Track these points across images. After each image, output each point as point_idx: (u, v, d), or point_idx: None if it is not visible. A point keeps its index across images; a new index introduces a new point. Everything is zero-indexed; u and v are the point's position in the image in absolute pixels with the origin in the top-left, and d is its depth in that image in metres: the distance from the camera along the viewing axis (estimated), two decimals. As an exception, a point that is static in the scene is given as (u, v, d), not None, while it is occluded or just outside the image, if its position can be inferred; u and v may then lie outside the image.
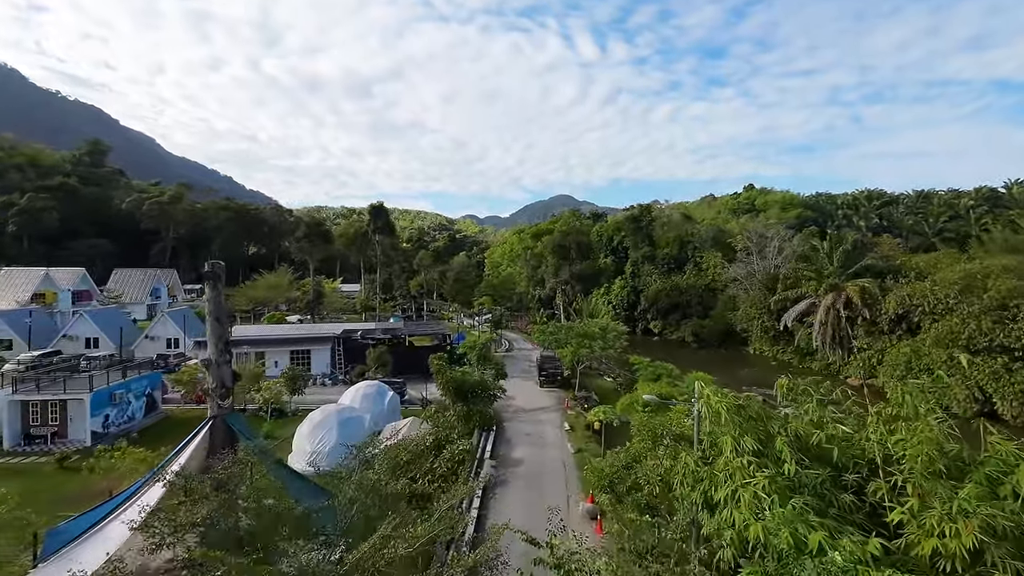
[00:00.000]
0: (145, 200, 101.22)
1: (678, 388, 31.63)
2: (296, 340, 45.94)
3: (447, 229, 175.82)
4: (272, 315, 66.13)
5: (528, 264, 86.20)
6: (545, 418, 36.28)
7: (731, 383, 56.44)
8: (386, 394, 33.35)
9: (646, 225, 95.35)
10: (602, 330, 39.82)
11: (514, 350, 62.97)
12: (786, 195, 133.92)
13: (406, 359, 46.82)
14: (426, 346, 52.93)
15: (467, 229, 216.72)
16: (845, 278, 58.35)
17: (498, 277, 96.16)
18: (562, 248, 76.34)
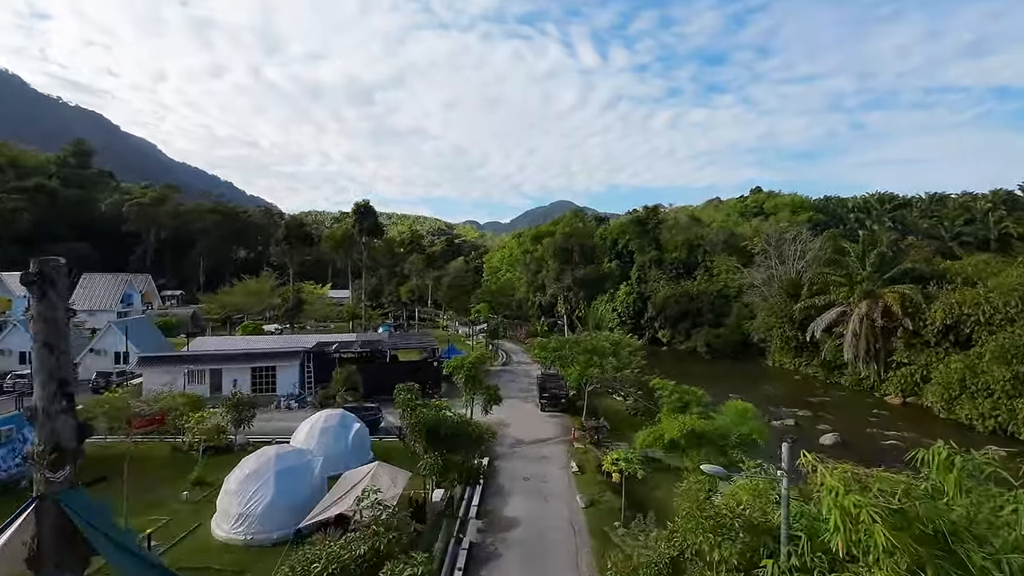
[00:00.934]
0: (126, 202, 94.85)
1: (712, 421, 24.96)
2: (259, 355, 39.34)
3: (445, 234, 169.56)
4: (247, 324, 59.58)
5: (528, 269, 79.67)
6: (548, 453, 29.55)
7: (754, 400, 49.62)
8: (351, 426, 26.69)
9: (653, 228, 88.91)
10: (614, 345, 33.26)
11: (512, 364, 56.28)
12: (795, 198, 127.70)
13: (388, 377, 40.13)
14: (413, 361, 46.32)
15: (467, 234, 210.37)
16: (881, 284, 51.74)
17: (496, 283, 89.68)
18: (564, 251, 69.89)
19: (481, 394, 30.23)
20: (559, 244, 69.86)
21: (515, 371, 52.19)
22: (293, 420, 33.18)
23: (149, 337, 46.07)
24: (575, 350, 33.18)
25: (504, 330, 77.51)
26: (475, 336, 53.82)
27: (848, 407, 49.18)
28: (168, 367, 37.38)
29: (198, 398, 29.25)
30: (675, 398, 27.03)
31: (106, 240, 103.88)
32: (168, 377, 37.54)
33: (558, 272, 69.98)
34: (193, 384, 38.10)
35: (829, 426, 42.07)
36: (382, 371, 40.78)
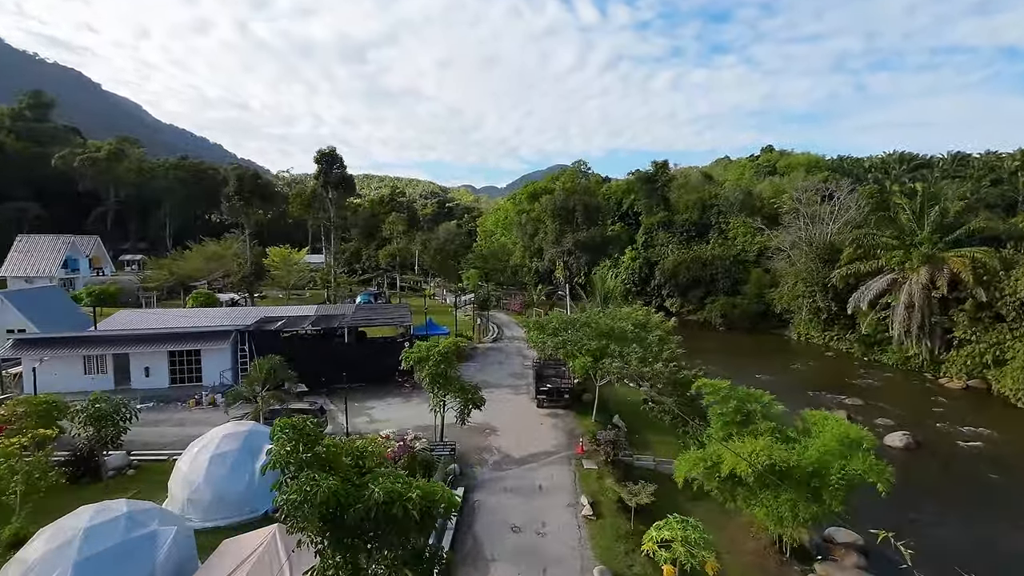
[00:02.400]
0: (77, 156, 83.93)
1: (797, 449, 16.35)
2: (178, 336, 30.34)
3: (438, 196, 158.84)
4: (198, 294, 50.43)
5: (523, 231, 70.08)
6: (545, 477, 21.03)
7: (785, 381, 40.80)
8: (260, 449, 17.88)
9: (661, 186, 79.09)
10: (639, 327, 24.26)
11: (503, 340, 47.58)
12: (810, 157, 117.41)
13: (346, 361, 31.54)
14: (383, 340, 37.55)
15: (461, 198, 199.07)
16: (943, 246, 42.77)
17: (489, 247, 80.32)
18: (564, 211, 60.28)
19: (456, 398, 21.48)
20: (559, 202, 60.23)
21: (507, 349, 43.53)
22: (216, 422, 24.56)
23: (58, 312, 37.00)
24: (584, 334, 24.19)
25: (497, 300, 68.61)
26: (462, 307, 45.10)
27: (901, 392, 40.94)
28: (60, 352, 28.41)
29: (54, 402, 20.22)
30: (732, 407, 18.29)
31: (61, 200, 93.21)
32: (61, 365, 28.67)
33: (557, 234, 60.62)
34: (93, 374, 29.25)
35: (890, 420, 33.81)
36: (338, 354, 31.95)
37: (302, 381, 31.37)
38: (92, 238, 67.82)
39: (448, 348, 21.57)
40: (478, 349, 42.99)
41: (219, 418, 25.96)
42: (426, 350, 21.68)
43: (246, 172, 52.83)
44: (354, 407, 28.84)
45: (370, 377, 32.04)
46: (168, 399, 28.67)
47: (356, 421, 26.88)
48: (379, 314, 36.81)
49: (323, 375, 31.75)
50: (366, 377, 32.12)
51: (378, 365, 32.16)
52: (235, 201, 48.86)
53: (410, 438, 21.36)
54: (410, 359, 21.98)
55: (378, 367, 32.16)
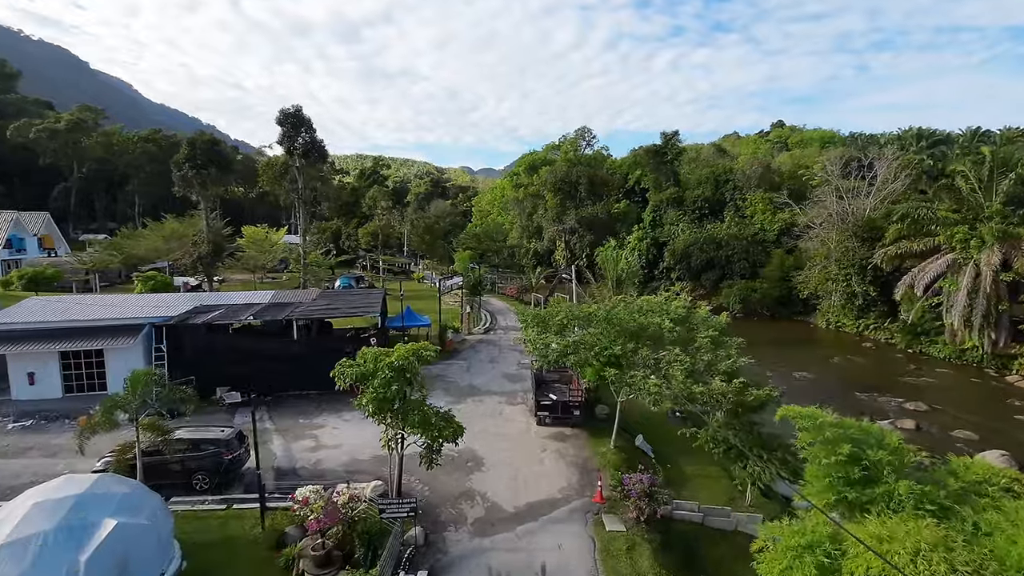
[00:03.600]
0: (34, 127, 75.63)
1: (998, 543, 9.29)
2: (74, 333, 23.14)
3: (432, 176, 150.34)
4: (147, 275, 43.06)
5: (521, 209, 62.54)
6: (551, 547, 14.17)
7: (828, 380, 34.22)
8: (94, 529, 10.88)
9: (671, 160, 71.43)
10: (679, 323, 16.92)
11: (497, 330, 40.51)
12: (824, 132, 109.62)
13: (305, 360, 24.66)
14: (353, 332, 30.50)
15: (457, 178, 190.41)
16: (1019, 221, 35.68)
17: (484, 227, 72.92)
18: (566, 184, 52.96)
19: (418, 435, 14.46)
20: (560, 175, 52.88)
21: (500, 342, 36.50)
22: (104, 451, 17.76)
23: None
24: (603, 333, 16.82)
25: (491, 284, 61.47)
26: (447, 292, 37.96)
27: (966, 393, 34.14)
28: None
29: None
30: (845, 453, 11.28)
31: (21, 176, 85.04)
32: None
33: (558, 210, 53.39)
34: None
35: (970, 431, 27.09)
36: (288, 353, 24.84)
37: (239, 388, 24.39)
38: (42, 215, 60.14)
39: (405, 358, 14.36)
40: (467, 341, 35.96)
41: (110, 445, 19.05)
42: (372, 361, 14.49)
43: (200, 136, 45.08)
44: (299, 425, 21.87)
45: (327, 383, 25.02)
46: (55, 415, 21.60)
47: (296, 448, 19.88)
48: (344, 302, 29.63)
49: (268, 380, 24.75)
50: (322, 383, 25.08)
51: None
52: (186, 170, 41.33)
53: (353, 491, 14.29)
54: (345, 375, 14.78)
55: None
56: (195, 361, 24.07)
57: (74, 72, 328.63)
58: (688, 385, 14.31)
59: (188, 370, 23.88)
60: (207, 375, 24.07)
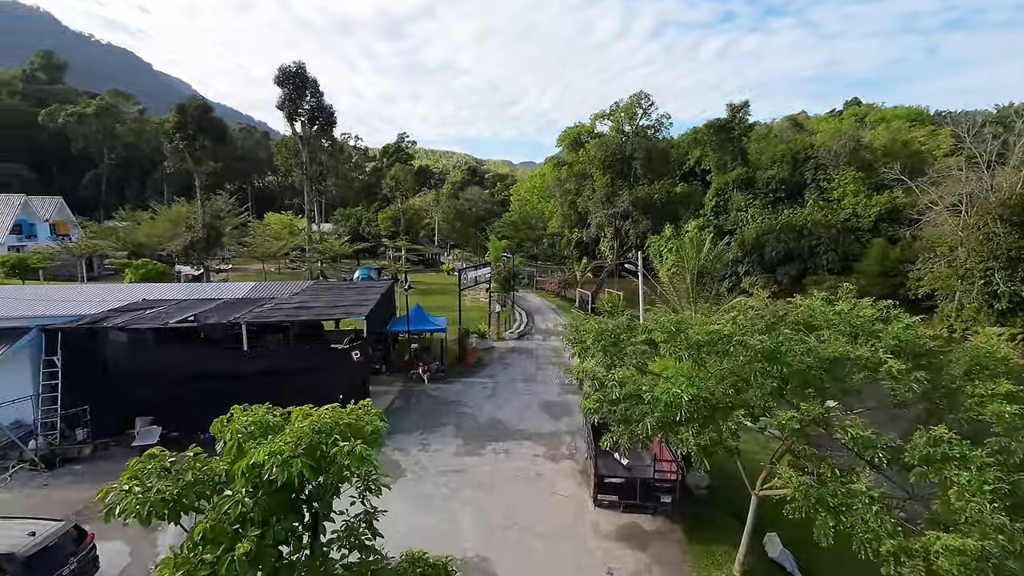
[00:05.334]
0: (63, 113, 72.21)
1: None
2: None
3: (471, 166, 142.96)
4: (142, 264, 36.90)
5: (564, 192, 53.46)
6: None
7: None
8: None
9: (739, 136, 60.66)
10: (912, 356, 8.57)
11: (534, 334, 31.98)
12: (909, 110, 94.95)
13: (268, 379, 16.89)
14: (358, 336, 22.63)
15: (496, 169, 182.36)
16: None
17: (522, 215, 64.35)
18: (619, 160, 43.80)
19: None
20: (611, 148, 43.75)
21: (538, 352, 27.93)
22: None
23: None
24: (759, 385, 8.09)
25: (528, 277, 52.96)
26: (472, 285, 29.67)
27: None
28: None
29: None
30: None
31: (57, 163, 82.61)
32: None
33: (608, 191, 44.28)
34: None
35: None
36: (230, 372, 17.09)
37: (166, 421, 16.85)
38: (55, 200, 55.72)
39: (315, 444, 5.87)
40: (495, 350, 27.60)
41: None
42: (229, 453, 6.02)
43: (191, 103, 38.48)
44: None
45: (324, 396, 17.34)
46: None
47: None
48: (329, 298, 21.77)
49: (210, 409, 17.11)
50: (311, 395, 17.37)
51: (309, 391, 17.30)
52: (177, 140, 34.81)
53: None
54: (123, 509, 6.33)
55: (311, 396, 17.31)
56: (107, 381, 16.69)
57: (137, 73, 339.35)
58: (987, 511, 5.42)
59: (96, 394, 16.54)
60: (124, 401, 16.67)
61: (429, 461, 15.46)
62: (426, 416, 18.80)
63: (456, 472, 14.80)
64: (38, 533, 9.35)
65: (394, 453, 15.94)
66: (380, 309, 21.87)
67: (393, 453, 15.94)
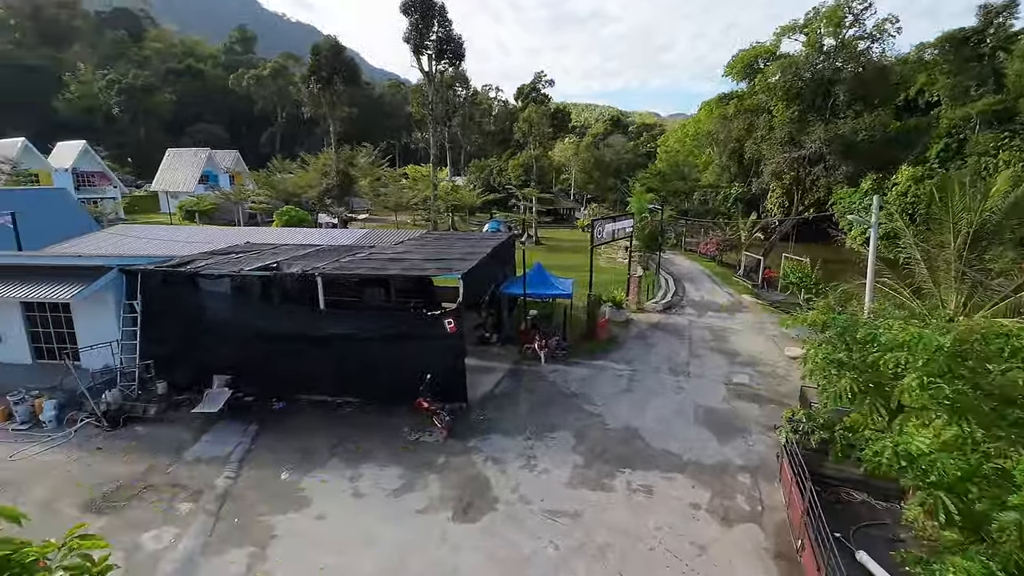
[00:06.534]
0: (245, 76, 79.41)
1: None
2: (24, 273, 15.35)
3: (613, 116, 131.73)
4: (286, 211, 37.57)
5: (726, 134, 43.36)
6: None
7: None
8: None
9: (992, 52, 43.70)
10: None
11: (685, 307, 25.03)
12: None
13: (350, 344, 13.54)
14: (427, 304, 18.72)
15: (642, 120, 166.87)
16: None
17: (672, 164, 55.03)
18: (813, 85, 33.06)
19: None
20: (803, 70, 33.11)
21: (690, 331, 21.27)
22: None
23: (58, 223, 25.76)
24: None
25: (676, 236, 44.94)
26: (607, 242, 23.68)
27: None
28: None
29: None
30: None
31: (240, 122, 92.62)
32: None
33: (792, 129, 34.08)
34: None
35: None
36: (307, 334, 13.84)
37: (240, 382, 14.32)
38: (231, 152, 61.24)
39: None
40: (633, 324, 21.62)
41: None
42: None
43: (325, 44, 36.88)
44: (271, 489, 10.71)
45: (383, 390, 13.73)
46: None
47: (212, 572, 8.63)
48: (429, 251, 17.71)
49: (287, 374, 14.20)
50: (372, 388, 13.90)
51: (391, 364, 13.52)
52: (312, 84, 33.63)
53: None
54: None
55: (392, 369, 13.56)
56: (184, 331, 14.58)
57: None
58: None
59: (174, 345, 14.57)
60: (201, 356, 14.47)
61: (533, 488, 10.61)
62: (537, 411, 13.96)
63: (571, 517, 9.73)
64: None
65: (486, 465, 11.39)
66: (489, 267, 17.22)
67: (485, 465, 11.40)
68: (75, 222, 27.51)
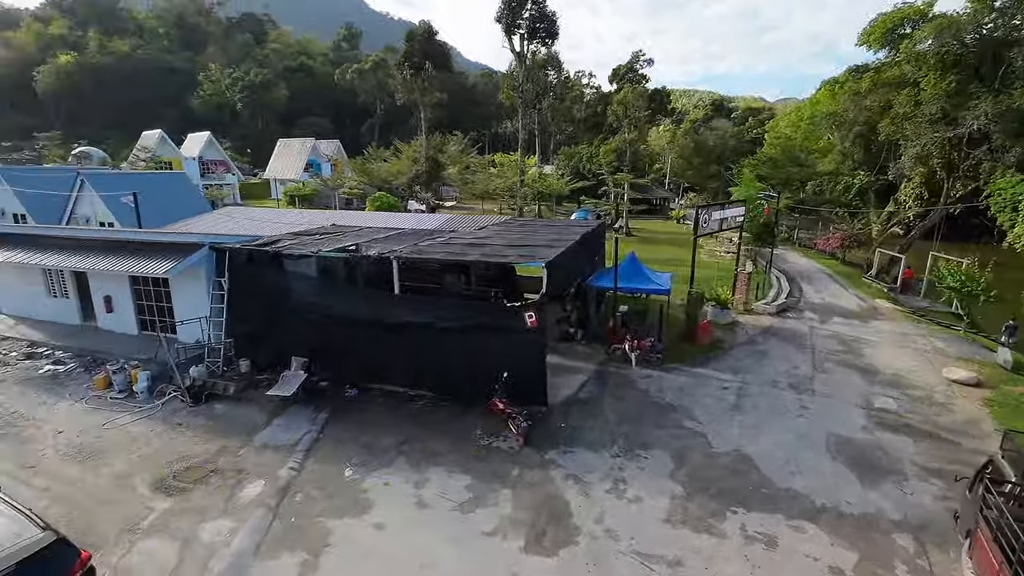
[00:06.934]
0: (349, 71, 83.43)
1: None
2: (121, 247, 15.97)
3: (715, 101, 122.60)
4: (377, 197, 38.35)
5: (853, 117, 37.49)
6: None
7: None
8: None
9: None
10: None
11: (802, 311, 21.48)
12: None
13: (427, 332, 12.56)
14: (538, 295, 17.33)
15: (747, 105, 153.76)
16: None
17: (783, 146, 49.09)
18: (979, 50, 27.18)
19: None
20: (965, 32, 27.26)
21: (810, 339, 18.01)
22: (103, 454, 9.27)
23: (177, 204, 27.83)
24: None
25: (789, 231, 40.08)
26: (709, 233, 20.81)
27: None
28: (14, 253, 16.68)
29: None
30: None
31: (344, 114, 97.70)
32: (18, 279, 17.70)
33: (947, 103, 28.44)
34: (58, 297, 17.44)
35: None
36: (382, 320, 13.00)
37: (315, 366, 13.94)
38: (333, 142, 64.44)
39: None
40: (740, 328, 18.77)
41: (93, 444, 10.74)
42: None
43: (418, 29, 36.66)
44: (333, 486, 9.89)
45: (457, 384, 12.63)
46: (103, 359, 14.77)
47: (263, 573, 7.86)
48: (513, 236, 16.28)
49: (361, 360, 13.55)
50: (448, 382, 12.83)
51: (467, 357, 12.33)
52: (405, 71, 33.59)
53: None
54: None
55: (467, 363, 12.37)
56: (266, 311, 14.43)
57: None
58: None
59: (255, 323, 14.51)
60: (281, 336, 14.27)
61: (622, 520, 8.83)
62: (627, 423, 12.08)
63: (669, 566, 7.86)
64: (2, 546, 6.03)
65: (566, 484, 9.78)
66: (576, 257, 15.47)
67: (565, 484, 9.80)
68: (192, 204, 29.63)
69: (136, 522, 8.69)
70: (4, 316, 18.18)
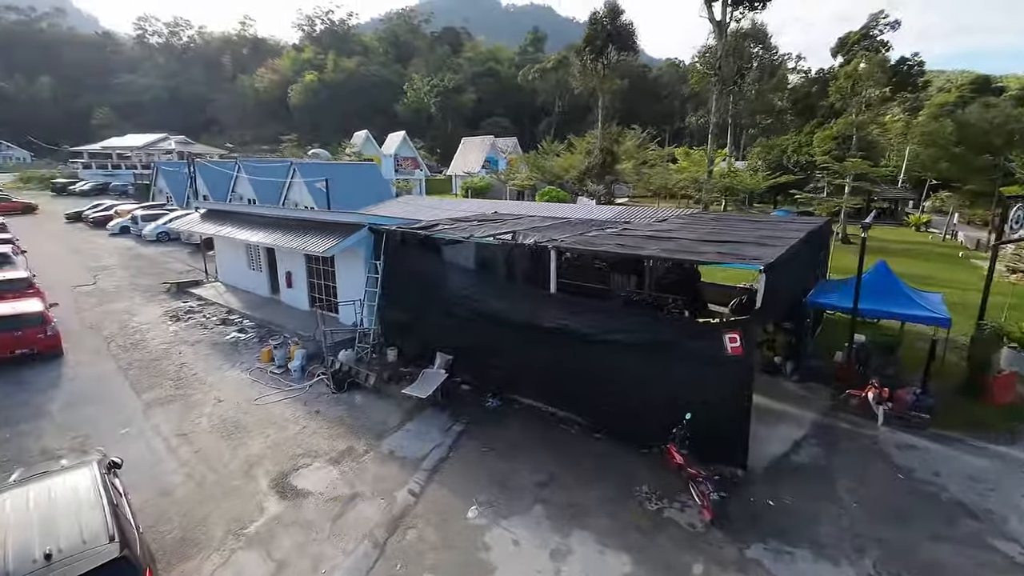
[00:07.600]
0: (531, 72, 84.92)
1: None
2: (283, 225, 16.08)
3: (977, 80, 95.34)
4: (547, 191, 37.02)
5: None
6: None
7: None
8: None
9: None
10: None
11: None
12: None
13: (589, 343, 10.10)
14: (741, 305, 13.57)
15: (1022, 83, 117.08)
16: None
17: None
18: None
19: None
20: None
21: None
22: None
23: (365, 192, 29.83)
24: None
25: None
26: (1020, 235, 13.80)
27: None
28: (225, 228, 18.59)
29: None
30: None
31: (524, 114, 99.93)
32: (229, 252, 20.01)
33: None
34: (256, 270, 19.16)
35: None
36: (533, 322, 10.67)
37: (458, 367, 12.37)
38: (511, 139, 65.66)
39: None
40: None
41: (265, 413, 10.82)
42: None
43: (604, 9, 33.63)
44: (460, 528, 7.77)
45: (615, 411, 9.77)
46: (281, 332, 15.36)
47: None
48: (706, 231, 12.53)
49: (513, 367, 11.45)
50: (603, 408, 10.02)
51: (634, 381, 9.33)
52: (585, 56, 31.20)
53: None
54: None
55: (634, 389, 9.37)
56: (416, 299, 13.29)
57: (553, 25, 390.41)
58: None
59: (405, 311, 13.49)
60: (429, 327, 13.01)
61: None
62: (881, 519, 7.77)
63: None
64: (55, 554, 5.10)
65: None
66: (797, 263, 11.14)
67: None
68: (378, 192, 31.61)
69: (244, 524, 7.72)
70: (220, 283, 20.69)
